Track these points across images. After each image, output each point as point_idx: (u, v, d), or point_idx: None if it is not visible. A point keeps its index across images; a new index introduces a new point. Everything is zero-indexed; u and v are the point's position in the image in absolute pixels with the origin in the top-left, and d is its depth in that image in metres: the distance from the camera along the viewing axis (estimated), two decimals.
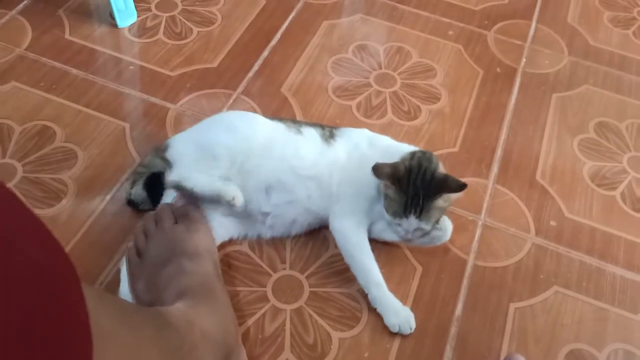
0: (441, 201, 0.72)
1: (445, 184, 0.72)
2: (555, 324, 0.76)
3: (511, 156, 0.95)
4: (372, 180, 0.73)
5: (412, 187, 0.71)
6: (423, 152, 0.76)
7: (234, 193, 0.72)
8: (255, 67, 1.02)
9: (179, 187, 0.75)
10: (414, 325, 0.73)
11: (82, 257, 0.75)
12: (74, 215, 0.79)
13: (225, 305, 0.67)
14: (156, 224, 0.73)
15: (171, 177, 0.75)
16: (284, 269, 0.77)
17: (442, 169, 0.75)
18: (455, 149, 0.95)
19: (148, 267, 0.70)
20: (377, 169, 0.71)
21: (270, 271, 0.77)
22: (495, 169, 0.93)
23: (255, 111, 0.95)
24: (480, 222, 0.86)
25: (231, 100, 0.97)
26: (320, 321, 0.73)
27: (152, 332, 0.50)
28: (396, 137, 0.94)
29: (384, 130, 0.95)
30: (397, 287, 0.77)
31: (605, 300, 0.79)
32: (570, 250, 0.84)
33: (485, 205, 0.88)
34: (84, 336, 0.34)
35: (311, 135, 0.79)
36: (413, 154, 0.75)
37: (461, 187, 0.71)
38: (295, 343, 0.71)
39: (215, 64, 1.01)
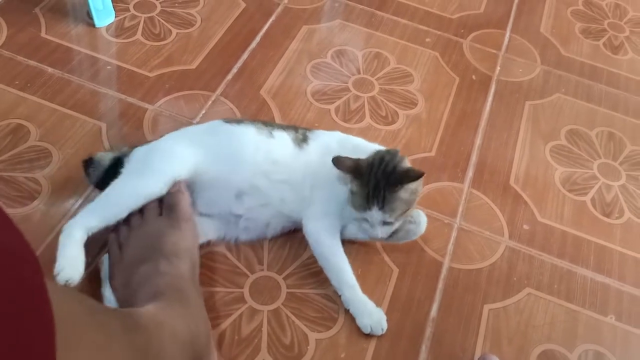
0: (404, 193, 0.72)
1: (406, 174, 0.72)
2: (528, 325, 0.78)
3: (486, 161, 0.97)
4: (344, 182, 0.74)
5: (374, 179, 0.72)
6: (388, 150, 0.77)
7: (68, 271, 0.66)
8: (234, 70, 1.02)
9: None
10: (385, 327, 0.73)
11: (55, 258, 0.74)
12: (48, 215, 0.78)
13: (198, 308, 0.67)
14: (141, 213, 0.72)
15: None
16: (262, 270, 0.77)
17: (406, 164, 0.75)
18: (432, 154, 0.96)
19: (126, 262, 0.69)
20: (337, 161, 0.72)
21: (247, 272, 0.77)
22: (470, 173, 0.94)
23: (234, 113, 0.95)
24: (455, 225, 0.87)
25: (210, 102, 0.96)
26: (298, 322, 0.73)
27: (120, 332, 0.50)
28: (374, 141, 0.95)
29: (362, 134, 0.96)
30: (373, 288, 0.77)
31: (576, 302, 0.81)
32: (542, 253, 0.86)
33: (460, 208, 0.89)
34: (46, 326, 0.33)
35: (283, 138, 0.79)
36: (378, 151, 0.76)
37: (419, 175, 0.72)
38: (272, 344, 0.71)
39: (194, 66, 1.01)
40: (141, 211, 0.73)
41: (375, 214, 0.72)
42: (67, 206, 0.79)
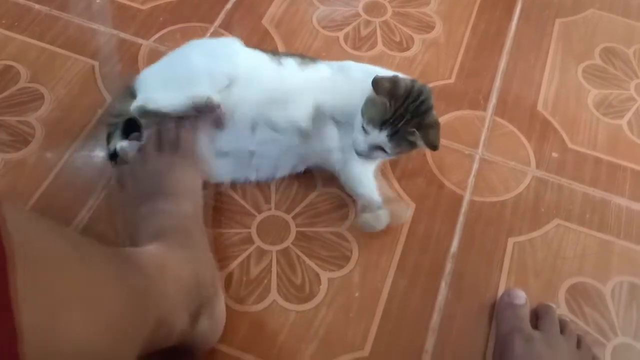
0: (414, 138, 0.67)
1: (431, 127, 0.67)
2: (557, 257, 0.72)
3: (511, 86, 0.89)
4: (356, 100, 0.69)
5: (403, 108, 0.66)
6: (425, 85, 0.70)
7: (207, 94, 0.67)
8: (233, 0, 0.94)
9: (143, 112, 0.69)
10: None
11: (55, 201, 0.71)
12: (43, 158, 0.74)
13: (203, 250, 0.63)
14: (141, 152, 0.68)
15: (134, 103, 0.69)
16: (269, 209, 0.73)
17: (435, 114, 0.69)
18: (451, 81, 0.88)
19: (126, 202, 0.65)
20: (377, 84, 0.66)
21: (254, 212, 0.72)
22: (493, 100, 0.87)
23: None
24: (477, 156, 0.81)
25: (208, 34, 0.89)
26: (308, 261, 0.69)
27: (112, 272, 0.45)
28: (388, 69, 0.88)
29: (374, 62, 0.89)
30: (388, 225, 0.72)
31: (609, 233, 0.75)
32: (572, 182, 0.79)
33: (482, 138, 0.82)
34: None
35: (291, 65, 0.74)
36: (416, 81, 0.70)
37: (434, 147, 0.67)
38: (282, 284, 0.67)
39: None
40: (141, 148, 0.68)
41: (379, 136, 0.67)
42: (63, 148, 0.75)
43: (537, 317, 0.65)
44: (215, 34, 0.90)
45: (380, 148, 0.68)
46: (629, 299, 0.69)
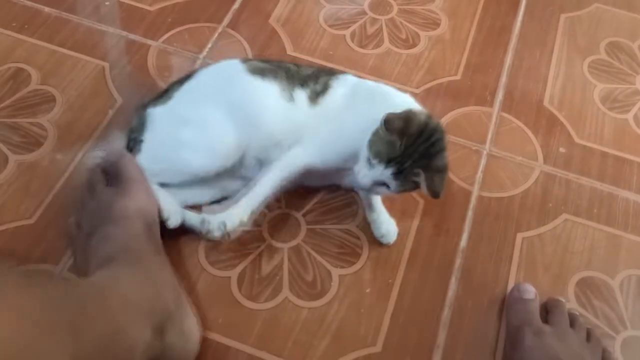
0: (418, 179, 0.63)
1: (438, 172, 0.63)
2: (565, 251, 0.73)
3: (517, 82, 0.89)
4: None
5: (414, 148, 0.62)
6: (439, 123, 0.65)
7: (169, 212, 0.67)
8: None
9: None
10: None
11: (68, 202, 0.71)
12: (56, 160, 0.75)
13: (157, 267, 0.61)
14: (89, 189, 0.67)
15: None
16: (279, 207, 0.74)
17: (446, 156, 0.65)
18: (457, 77, 0.89)
19: (82, 237, 0.64)
20: (388, 123, 0.61)
21: (265, 210, 0.73)
22: (500, 96, 0.87)
23: (242, 45, 0.89)
24: (485, 152, 0.81)
25: (216, 35, 0.90)
26: (319, 258, 0.70)
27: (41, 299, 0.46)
28: (394, 66, 0.89)
29: (380, 60, 0.89)
30: (399, 221, 0.73)
31: (617, 226, 0.75)
32: (580, 176, 0.80)
33: (490, 134, 0.83)
34: None
35: (301, 101, 0.69)
36: (430, 120, 0.64)
37: (435, 194, 0.62)
38: (294, 281, 0.68)
39: None
40: (89, 186, 0.68)
41: (384, 172, 0.63)
42: (76, 149, 0.76)
43: (547, 311, 0.66)
44: (223, 35, 0.90)
45: (383, 184, 0.64)
46: (638, 292, 0.70)
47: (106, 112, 0.80)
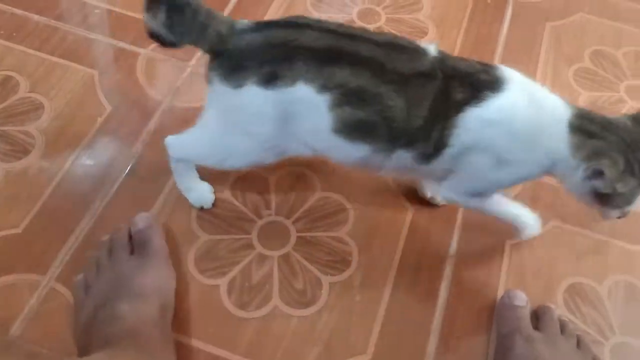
0: None
1: None
2: (554, 258, 0.73)
3: None
4: None
5: None
6: None
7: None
8: (231, 5, 0.95)
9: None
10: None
11: (56, 211, 0.71)
12: (44, 169, 0.75)
13: (164, 357, 0.57)
14: (110, 253, 0.64)
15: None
16: (269, 215, 0.74)
17: None
18: None
19: (90, 306, 0.60)
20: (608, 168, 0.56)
21: (254, 217, 0.73)
22: None
23: None
24: None
25: None
26: (309, 266, 0.70)
27: None
28: None
29: None
30: (387, 231, 0.73)
31: (605, 233, 0.76)
32: None
33: None
34: None
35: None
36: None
37: None
38: (284, 289, 0.68)
39: None
40: (111, 248, 0.65)
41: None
42: (64, 157, 0.76)
43: (537, 317, 0.66)
44: None
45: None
46: (625, 297, 0.71)
47: (95, 120, 0.79)
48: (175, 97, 0.84)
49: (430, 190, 0.74)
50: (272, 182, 0.76)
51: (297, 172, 0.77)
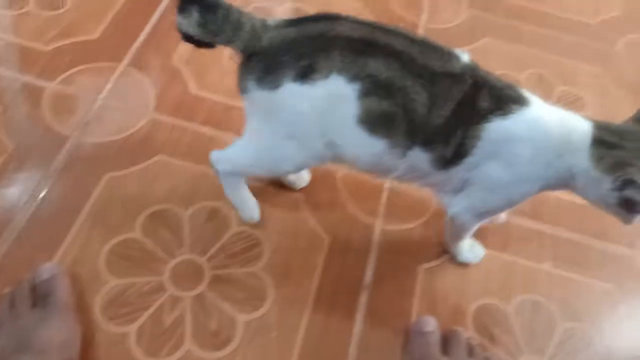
0: None
1: None
2: (462, 280, 0.76)
3: None
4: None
5: None
6: None
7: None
8: (143, 36, 0.93)
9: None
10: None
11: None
12: None
13: None
14: (12, 306, 0.62)
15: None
16: (182, 253, 0.72)
17: None
18: None
19: None
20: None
21: (166, 257, 0.72)
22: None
23: (143, 84, 0.87)
24: (385, 186, 0.84)
25: (116, 74, 0.88)
26: (224, 305, 0.69)
27: None
28: None
29: None
30: (304, 261, 0.74)
31: (511, 252, 0.80)
32: None
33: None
34: None
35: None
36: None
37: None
38: (197, 332, 0.67)
39: (96, 35, 0.92)
40: (12, 301, 0.62)
41: None
42: None
43: (446, 342, 0.68)
44: (125, 73, 0.88)
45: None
46: (531, 316, 0.74)
47: None
48: (85, 132, 0.81)
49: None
50: (186, 219, 0.75)
51: (211, 208, 0.76)
